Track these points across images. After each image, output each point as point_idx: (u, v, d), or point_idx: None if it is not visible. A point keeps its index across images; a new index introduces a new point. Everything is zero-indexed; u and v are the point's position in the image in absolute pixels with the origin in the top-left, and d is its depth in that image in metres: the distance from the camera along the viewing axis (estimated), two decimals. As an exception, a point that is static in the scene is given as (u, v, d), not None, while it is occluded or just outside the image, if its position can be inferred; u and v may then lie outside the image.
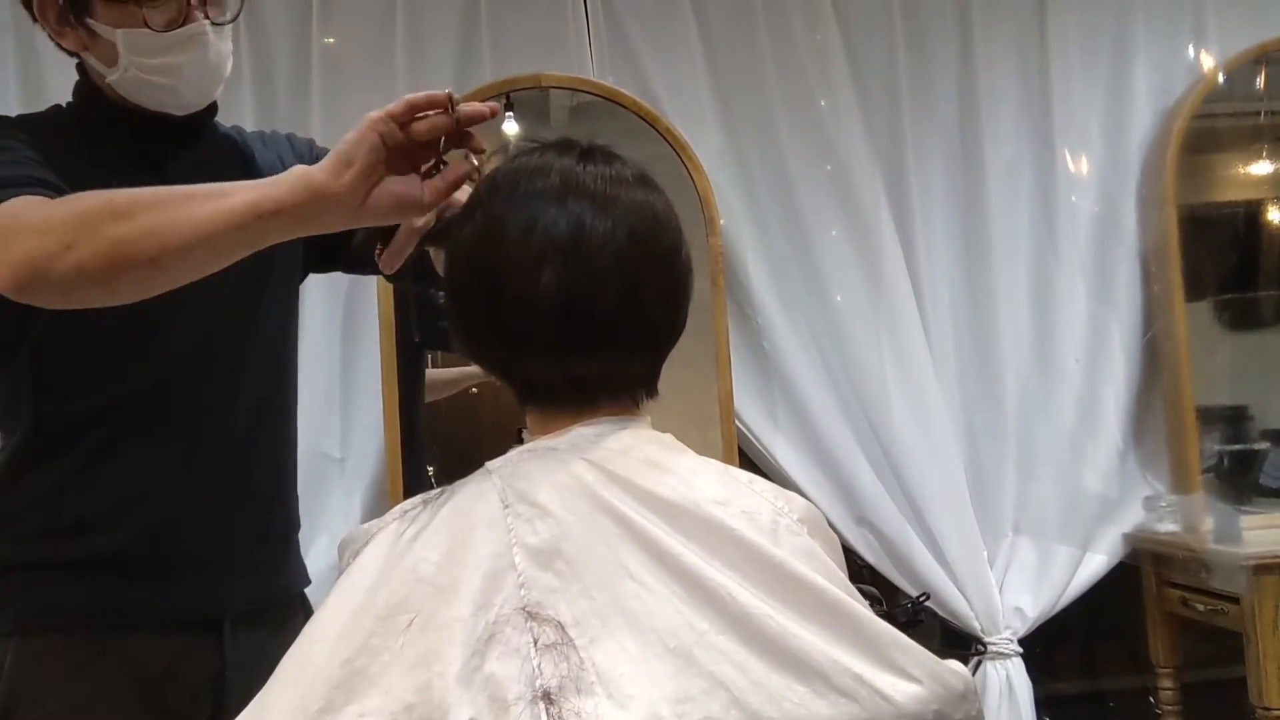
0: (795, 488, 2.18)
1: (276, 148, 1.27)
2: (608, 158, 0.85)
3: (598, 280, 0.79)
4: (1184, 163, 2.29)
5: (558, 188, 0.81)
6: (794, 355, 2.26)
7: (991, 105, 2.35)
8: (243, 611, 1.16)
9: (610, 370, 0.83)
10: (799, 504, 0.81)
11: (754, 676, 0.67)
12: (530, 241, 0.79)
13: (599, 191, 0.82)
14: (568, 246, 0.79)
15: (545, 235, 0.79)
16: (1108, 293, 2.35)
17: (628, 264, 0.80)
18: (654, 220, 0.83)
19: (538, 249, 0.79)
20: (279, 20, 2.20)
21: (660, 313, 0.84)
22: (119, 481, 1.10)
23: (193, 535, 1.13)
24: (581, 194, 0.81)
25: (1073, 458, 2.31)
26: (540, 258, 0.79)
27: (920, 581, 2.23)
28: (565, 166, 0.83)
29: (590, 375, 0.82)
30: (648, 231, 0.82)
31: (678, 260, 0.85)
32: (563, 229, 0.79)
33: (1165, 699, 2.31)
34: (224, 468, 1.16)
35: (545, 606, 0.69)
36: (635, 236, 0.81)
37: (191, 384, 1.14)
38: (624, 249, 0.80)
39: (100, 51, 1.08)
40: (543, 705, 0.65)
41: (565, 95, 2.22)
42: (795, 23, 2.29)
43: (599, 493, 0.74)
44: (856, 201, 2.28)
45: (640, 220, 0.82)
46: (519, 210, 0.81)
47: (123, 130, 1.13)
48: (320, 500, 2.12)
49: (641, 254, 0.81)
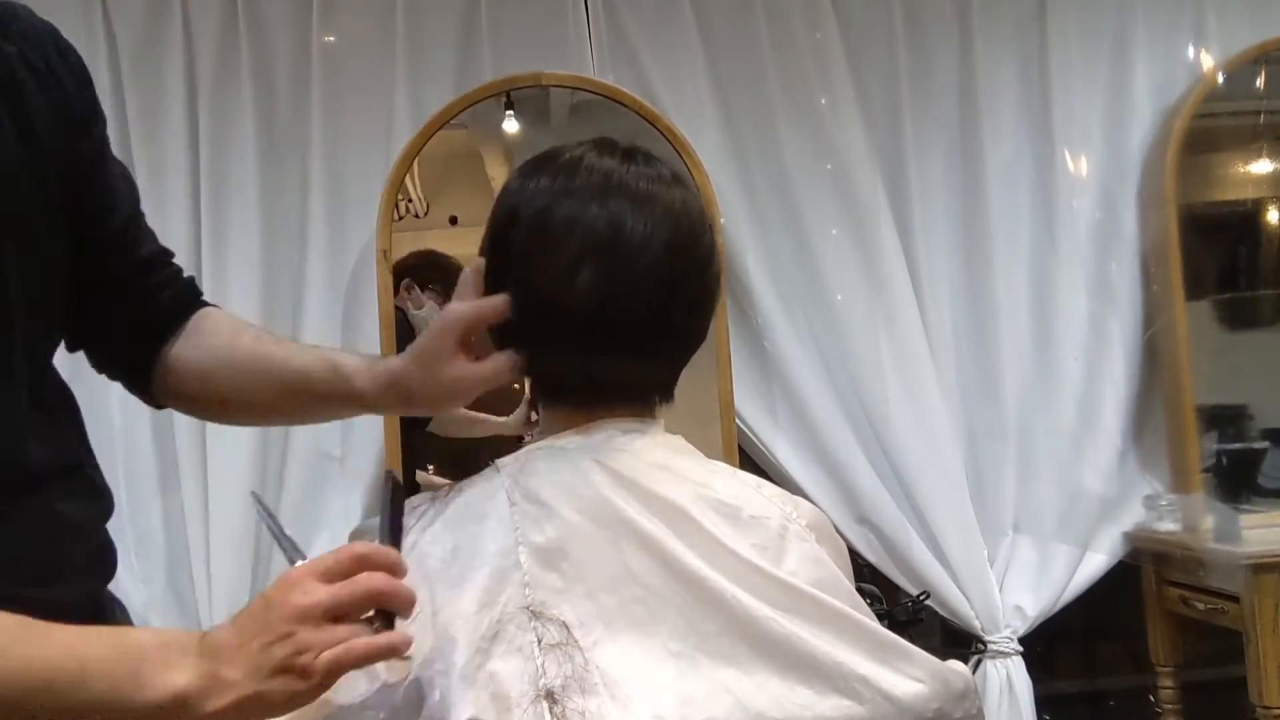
0: (795, 487, 2.18)
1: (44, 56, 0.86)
2: (648, 159, 0.85)
3: (633, 283, 0.79)
4: (1184, 162, 2.29)
5: (599, 187, 0.80)
6: (794, 354, 2.26)
7: (991, 104, 2.34)
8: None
9: (630, 375, 0.82)
10: (807, 510, 0.81)
11: (757, 678, 0.67)
12: (571, 239, 0.79)
13: (640, 191, 0.81)
14: (607, 246, 0.78)
15: (586, 233, 0.79)
16: (1108, 292, 2.35)
17: (664, 268, 0.79)
18: (691, 226, 0.82)
19: (578, 247, 0.78)
20: (279, 20, 2.20)
21: (688, 320, 0.84)
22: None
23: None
24: (623, 194, 0.80)
25: (1073, 457, 2.31)
26: (579, 256, 0.78)
27: (920, 580, 2.23)
28: (607, 166, 0.82)
29: (611, 377, 0.82)
30: (686, 236, 0.82)
31: (710, 267, 0.85)
32: (603, 228, 0.79)
33: (1165, 698, 2.31)
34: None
35: (550, 606, 0.69)
36: (673, 241, 0.80)
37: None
38: (661, 253, 0.79)
39: None
40: (546, 705, 0.65)
41: (565, 94, 2.22)
42: (795, 22, 2.29)
43: (606, 494, 0.74)
44: (856, 201, 2.27)
45: (678, 225, 0.81)
46: (560, 206, 0.80)
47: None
48: (320, 500, 2.12)
49: (678, 258, 0.80)
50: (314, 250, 2.15)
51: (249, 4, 2.18)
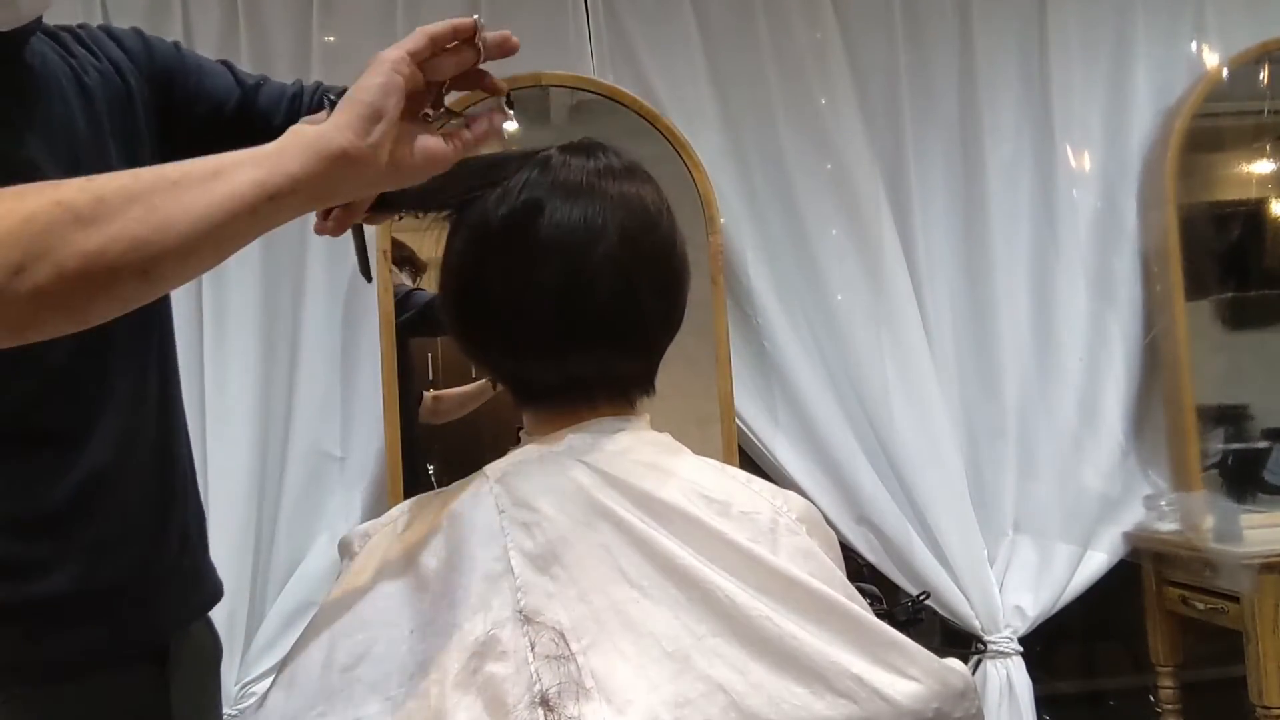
0: (795, 487, 2.18)
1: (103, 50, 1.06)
2: (591, 150, 0.84)
3: (590, 277, 0.78)
4: (1185, 161, 2.29)
5: (545, 185, 0.80)
6: (794, 354, 2.26)
7: (992, 103, 2.34)
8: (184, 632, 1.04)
9: (606, 369, 0.82)
10: (797, 503, 0.81)
11: (753, 679, 0.67)
12: (520, 241, 0.79)
13: (586, 186, 0.80)
14: (558, 244, 0.78)
15: (536, 234, 0.78)
16: (1108, 292, 2.35)
17: (619, 259, 0.79)
18: (643, 212, 0.82)
19: (528, 248, 0.78)
20: (279, 20, 2.20)
21: (654, 307, 0.82)
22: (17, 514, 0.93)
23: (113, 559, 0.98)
24: (569, 190, 0.80)
25: (1073, 456, 2.31)
26: (531, 257, 0.78)
27: (920, 580, 2.23)
28: (550, 163, 0.82)
29: (586, 374, 0.81)
30: (638, 224, 0.81)
31: (672, 253, 0.84)
32: (553, 227, 0.78)
33: (1165, 698, 2.30)
34: (131, 473, 1.01)
35: (542, 611, 0.69)
36: (625, 230, 0.80)
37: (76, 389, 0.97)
38: (614, 244, 0.79)
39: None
40: (541, 711, 0.65)
41: (565, 94, 2.22)
42: (795, 21, 2.29)
43: (595, 496, 0.74)
44: (856, 200, 2.27)
45: (629, 213, 0.81)
46: (506, 211, 0.80)
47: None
48: (320, 500, 2.12)
49: (633, 248, 0.80)
50: (313, 250, 2.15)
51: (249, 4, 2.18)
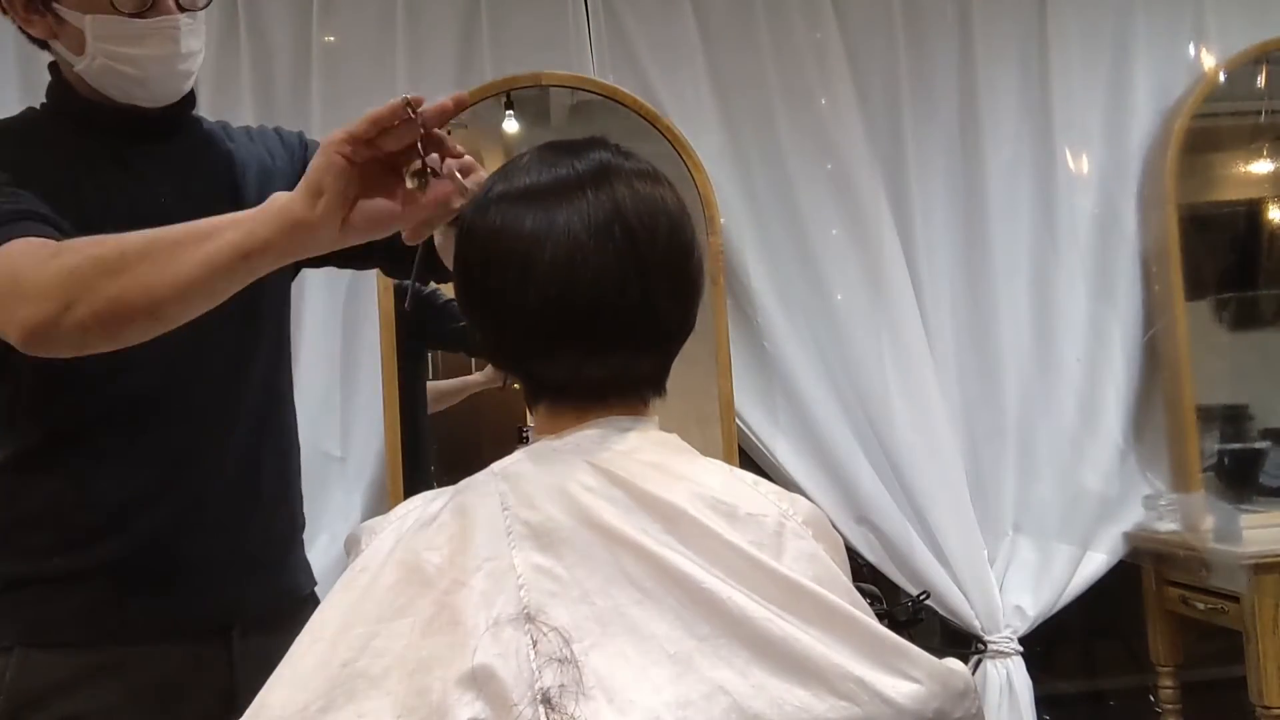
0: (795, 487, 2.18)
1: (264, 142, 1.24)
2: (618, 153, 0.84)
3: (609, 278, 0.78)
4: (1184, 162, 2.29)
5: (569, 185, 0.80)
6: (794, 354, 2.26)
7: (992, 104, 2.34)
8: (252, 617, 1.13)
9: (619, 370, 0.82)
10: (804, 506, 0.81)
11: (754, 681, 0.67)
12: (540, 241, 0.78)
13: (610, 187, 0.80)
14: (578, 245, 0.78)
15: (556, 234, 0.78)
16: (1108, 292, 2.35)
17: (639, 261, 0.79)
18: (665, 215, 0.82)
19: (549, 249, 0.78)
20: (279, 20, 2.20)
21: (671, 311, 0.82)
22: (117, 490, 1.08)
23: (197, 540, 1.11)
24: (592, 191, 0.80)
25: (1073, 457, 2.31)
26: (551, 258, 0.78)
27: (920, 580, 2.23)
28: (576, 162, 0.82)
29: (599, 375, 0.81)
30: (658, 227, 0.81)
31: (690, 257, 0.84)
32: (575, 227, 0.78)
33: (1165, 698, 2.31)
34: (226, 469, 1.14)
35: (545, 610, 0.69)
36: (645, 232, 0.79)
37: (190, 385, 1.12)
38: (634, 246, 0.79)
39: (68, 39, 1.05)
40: (543, 710, 0.64)
41: (565, 94, 2.23)
42: (795, 21, 2.29)
43: (600, 496, 0.74)
44: (856, 201, 2.27)
45: (651, 216, 0.80)
46: (528, 209, 0.80)
47: (94, 127, 1.10)
48: (321, 500, 2.12)
49: (652, 250, 0.80)
50: (314, 250, 2.15)
51: (249, 4, 2.18)
